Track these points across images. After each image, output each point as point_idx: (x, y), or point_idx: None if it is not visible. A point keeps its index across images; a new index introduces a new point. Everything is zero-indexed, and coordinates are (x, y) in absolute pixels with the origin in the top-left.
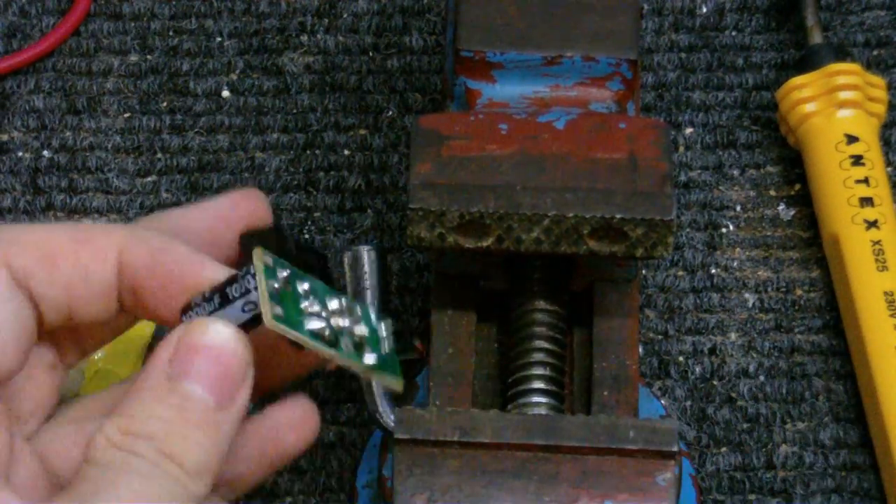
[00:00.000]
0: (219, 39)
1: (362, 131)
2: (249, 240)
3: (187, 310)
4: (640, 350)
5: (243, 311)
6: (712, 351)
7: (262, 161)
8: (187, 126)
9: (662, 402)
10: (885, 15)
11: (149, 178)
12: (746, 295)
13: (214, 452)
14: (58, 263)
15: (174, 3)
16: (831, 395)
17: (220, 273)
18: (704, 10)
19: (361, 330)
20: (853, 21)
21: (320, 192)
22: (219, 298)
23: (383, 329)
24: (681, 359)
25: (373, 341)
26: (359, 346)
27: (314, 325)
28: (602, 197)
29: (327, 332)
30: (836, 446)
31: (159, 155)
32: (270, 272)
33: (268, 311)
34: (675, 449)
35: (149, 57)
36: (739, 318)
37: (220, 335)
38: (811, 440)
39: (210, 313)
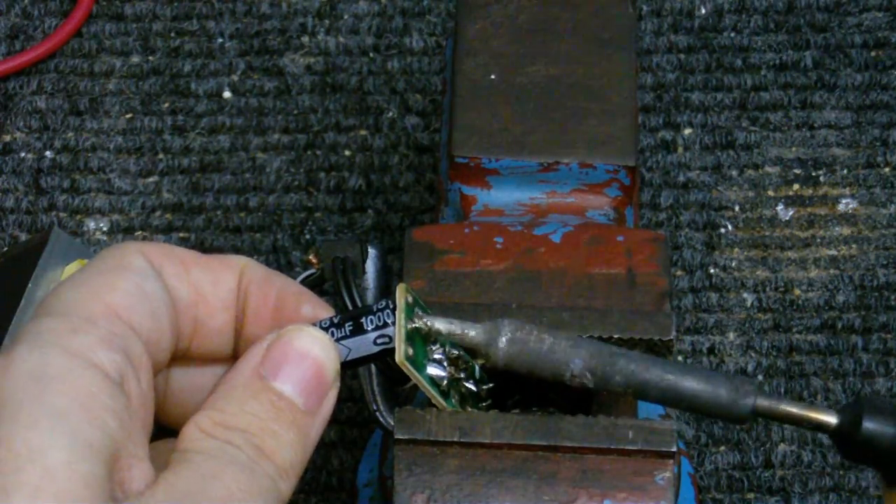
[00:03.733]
0: (220, 40)
1: (363, 132)
2: (331, 247)
3: None
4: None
5: (375, 343)
6: (711, 350)
7: (263, 161)
8: (189, 127)
9: None
10: (882, 16)
11: (150, 179)
12: (745, 295)
13: (301, 455)
14: (188, 264)
15: (176, 4)
16: (829, 394)
17: (319, 313)
18: (703, 11)
19: (469, 386)
20: (851, 22)
21: (321, 192)
22: (352, 326)
23: (484, 389)
24: (680, 358)
25: (474, 397)
26: (463, 400)
27: (434, 371)
28: (599, 316)
29: (444, 382)
30: (835, 445)
31: (161, 155)
32: (409, 311)
33: (401, 349)
34: (673, 449)
35: (150, 58)
36: (738, 317)
37: (314, 340)
38: (809, 439)
39: (338, 339)
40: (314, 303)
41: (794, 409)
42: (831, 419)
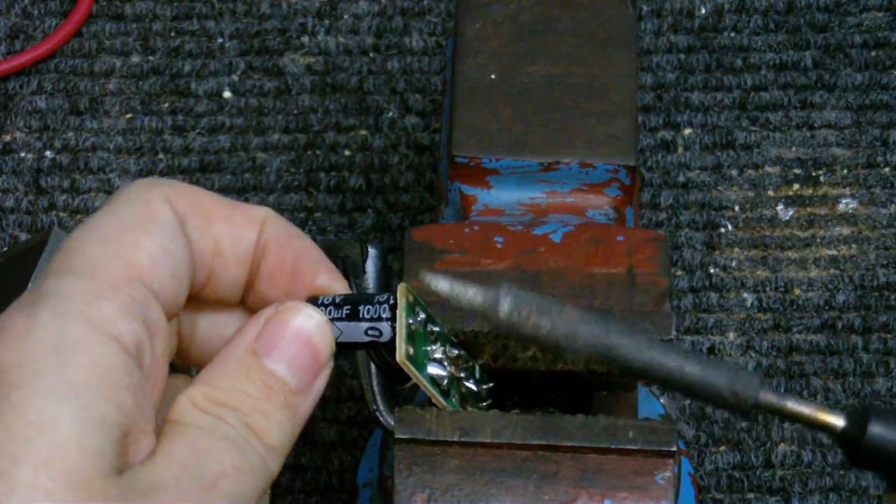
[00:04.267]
0: (220, 40)
1: (363, 132)
2: (331, 247)
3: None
4: None
5: (366, 333)
6: (711, 350)
7: (263, 161)
8: (189, 127)
9: (661, 401)
10: (882, 16)
11: None
12: (745, 294)
13: (291, 433)
14: (212, 217)
15: (176, 4)
16: (829, 394)
17: (334, 285)
18: (703, 11)
19: (470, 386)
20: (851, 22)
21: (321, 192)
22: (349, 310)
23: (485, 389)
24: None
25: (474, 397)
26: (464, 400)
27: (435, 370)
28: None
29: (445, 382)
30: (835, 445)
31: (161, 155)
32: (410, 310)
33: (402, 348)
34: (673, 448)
35: (150, 58)
36: (738, 317)
37: (310, 320)
38: (809, 439)
39: (333, 319)
40: (331, 273)
41: (801, 408)
42: (838, 421)
